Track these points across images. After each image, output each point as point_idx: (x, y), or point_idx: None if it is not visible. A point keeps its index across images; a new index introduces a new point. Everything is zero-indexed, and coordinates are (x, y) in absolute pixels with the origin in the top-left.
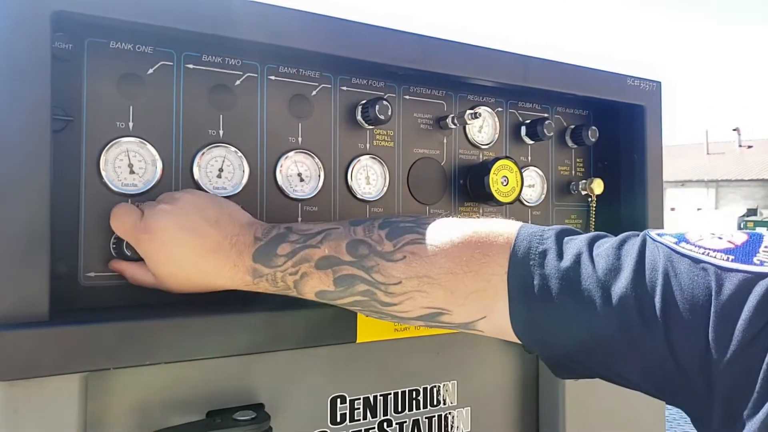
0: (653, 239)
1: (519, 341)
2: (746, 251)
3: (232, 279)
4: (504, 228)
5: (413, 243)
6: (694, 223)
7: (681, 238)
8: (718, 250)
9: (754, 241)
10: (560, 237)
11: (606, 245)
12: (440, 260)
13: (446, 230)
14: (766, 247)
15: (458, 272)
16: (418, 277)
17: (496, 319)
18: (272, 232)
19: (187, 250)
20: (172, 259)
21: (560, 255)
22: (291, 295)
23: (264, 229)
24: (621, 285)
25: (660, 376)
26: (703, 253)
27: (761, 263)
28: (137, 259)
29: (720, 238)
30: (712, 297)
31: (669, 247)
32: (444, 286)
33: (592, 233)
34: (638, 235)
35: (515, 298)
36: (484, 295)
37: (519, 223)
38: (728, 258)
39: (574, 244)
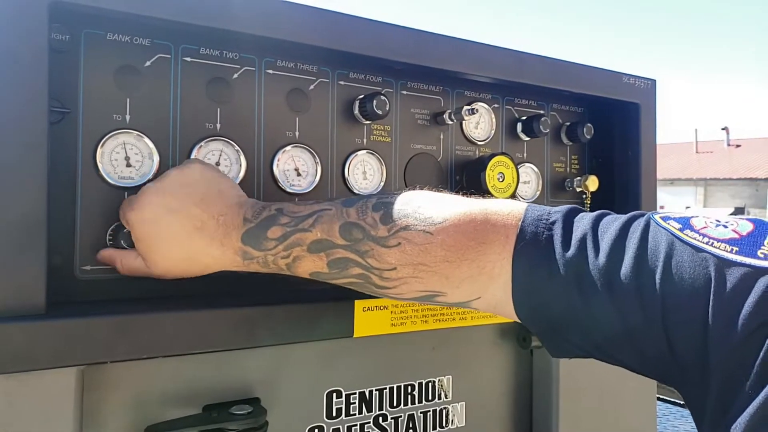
0: (657, 223)
1: (517, 320)
2: (751, 243)
3: (221, 259)
4: (505, 210)
5: (408, 228)
6: None
7: (686, 225)
8: (721, 240)
9: (760, 233)
10: (567, 220)
11: (611, 229)
12: (436, 249)
13: (441, 213)
14: None
15: (454, 260)
16: (413, 265)
17: (490, 299)
18: (263, 214)
19: (171, 229)
20: (159, 239)
21: (566, 242)
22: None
23: (254, 210)
24: (622, 273)
25: (657, 365)
26: (706, 243)
27: (765, 257)
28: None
29: (725, 226)
30: (712, 289)
31: (672, 234)
32: (439, 273)
33: (598, 212)
34: (643, 216)
35: (520, 285)
36: (479, 279)
37: (524, 205)
38: (732, 249)
39: (580, 228)
